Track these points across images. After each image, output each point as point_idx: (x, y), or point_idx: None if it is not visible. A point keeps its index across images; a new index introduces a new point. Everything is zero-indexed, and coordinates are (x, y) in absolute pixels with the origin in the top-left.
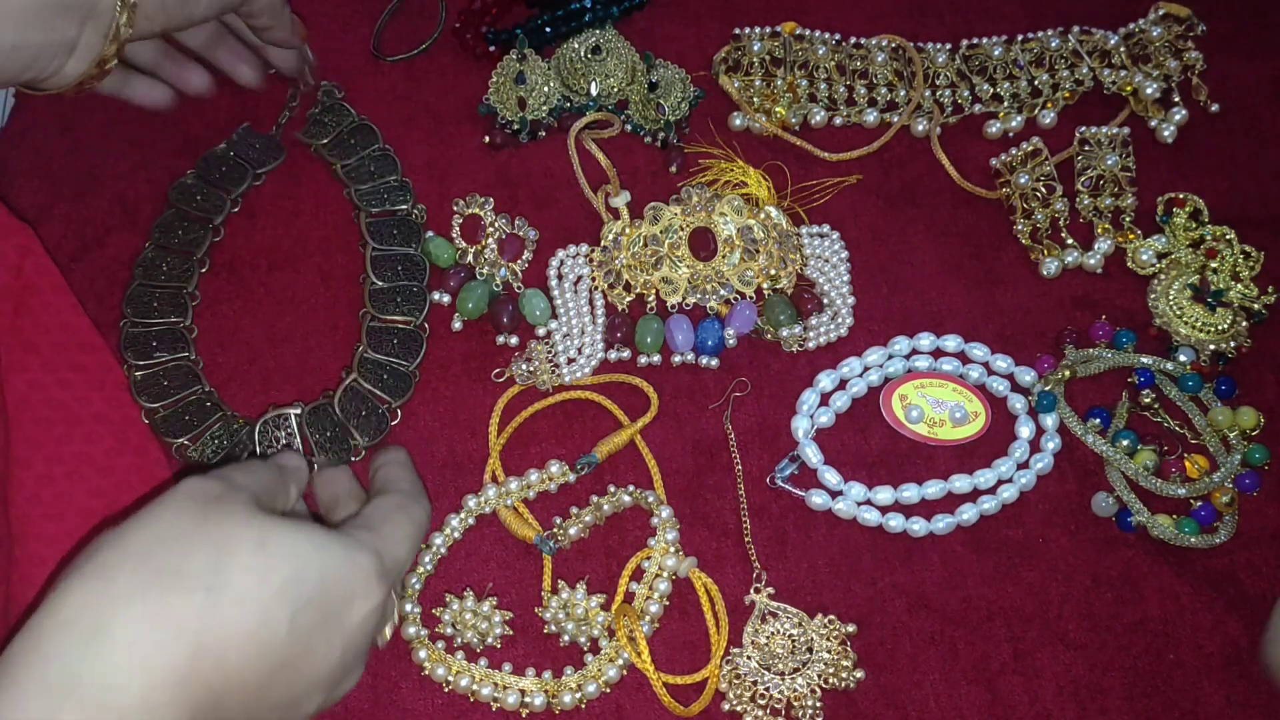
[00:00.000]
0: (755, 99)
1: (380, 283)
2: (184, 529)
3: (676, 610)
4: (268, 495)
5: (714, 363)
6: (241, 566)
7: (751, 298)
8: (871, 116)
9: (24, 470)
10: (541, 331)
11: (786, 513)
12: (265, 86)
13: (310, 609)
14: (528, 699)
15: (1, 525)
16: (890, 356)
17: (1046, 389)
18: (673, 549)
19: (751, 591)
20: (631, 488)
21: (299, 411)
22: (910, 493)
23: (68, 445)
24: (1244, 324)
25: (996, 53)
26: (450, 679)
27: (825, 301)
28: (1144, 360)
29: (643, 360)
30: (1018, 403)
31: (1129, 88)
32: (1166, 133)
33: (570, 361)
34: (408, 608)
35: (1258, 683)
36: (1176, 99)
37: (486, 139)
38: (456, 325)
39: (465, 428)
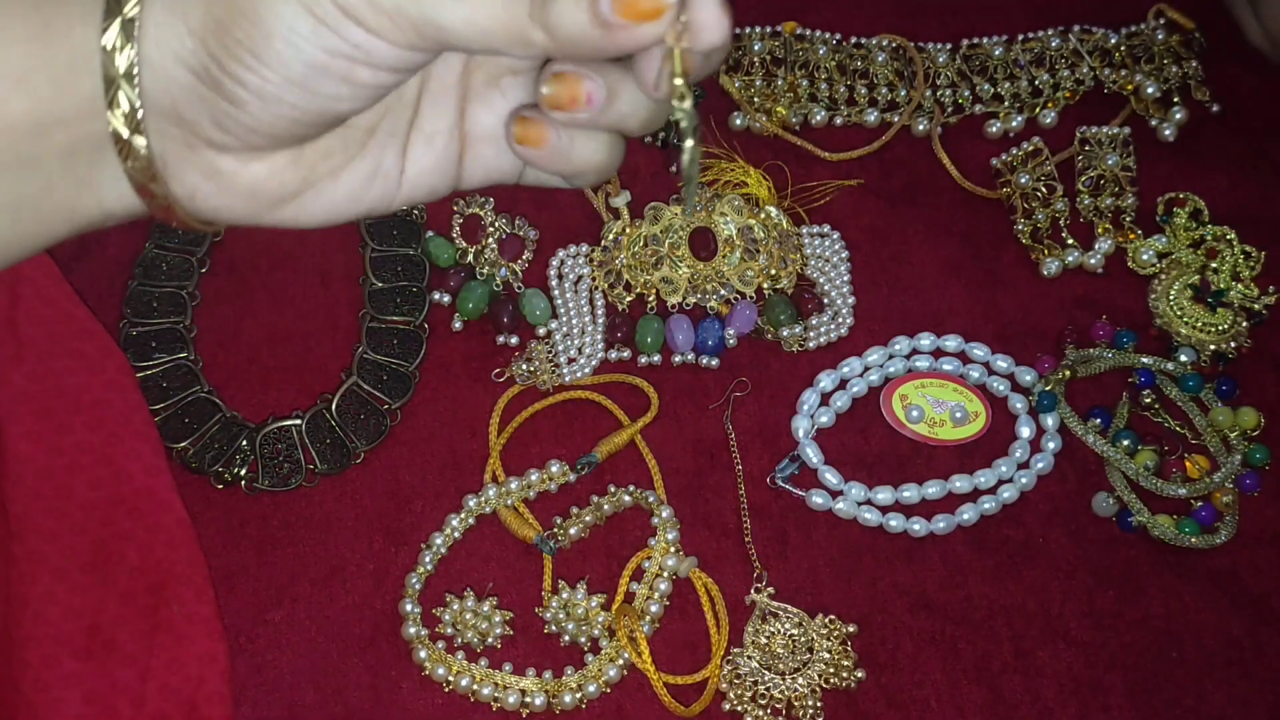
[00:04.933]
0: (755, 99)
1: (380, 283)
2: None
3: (677, 610)
4: None
5: (714, 363)
6: None
7: (752, 298)
8: (872, 116)
9: (24, 465)
10: (542, 331)
11: (787, 513)
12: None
13: None
14: (528, 699)
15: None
16: (891, 356)
17: (1047, 389)
18: (673, 549)
19: (752, 591)
20: (632, 488)
21: (300, 423)
22: (910, 493)
23: (68, 435)
24: (1244, 324)
25: (997, 52)
26: (450, 679)
27: (825, 301)
28: (1144, 360)
29: (643, 360)
30: (1018, 403)
31: (1129, 86)
32: (1167, 132)
33: (570, 361)
34: (407, 607)
35: (1260, 682)
36: (1176, 99)
37: None
38: (456, 325)
39: (465, 428)
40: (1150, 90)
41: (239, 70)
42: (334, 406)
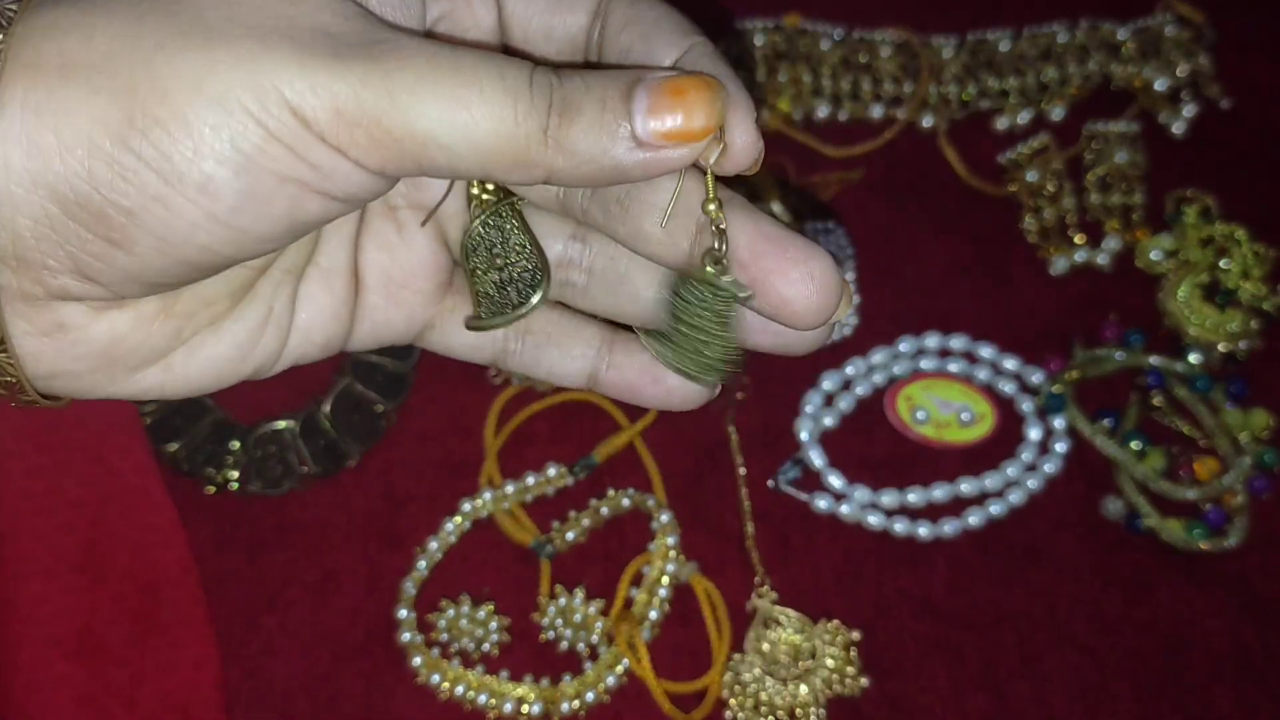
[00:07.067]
0: (757, 93)
1: None
2: None
3: (677, 616)
4: None
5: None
6: None
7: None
8: (877, 111)
9: (14, 463)
10: None
11: (789, 516)
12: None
13: None
14: (525, 707)
15: None
16: (896, 356)
17: (1055, 390)
18: (673, 554)
19: (754, 597)
20: (631, 491)
21: (293, 425)
22: (916, 496)
23: (57, 433)
24: (1255, 324)
25: (1004, 46)
26: (446, 686)
27: None
28: (1154, 361)
29: None
30: (1026, 404)
31: (1138, 82)
32: (1176, 128)
33: None
34: (402, 613)
35: (1269, 687)
36: (1185, 95)
37: None
38: None
39: (461, 430)
40: (1159, 86)
41: (142, 201)
42: (327, 408)
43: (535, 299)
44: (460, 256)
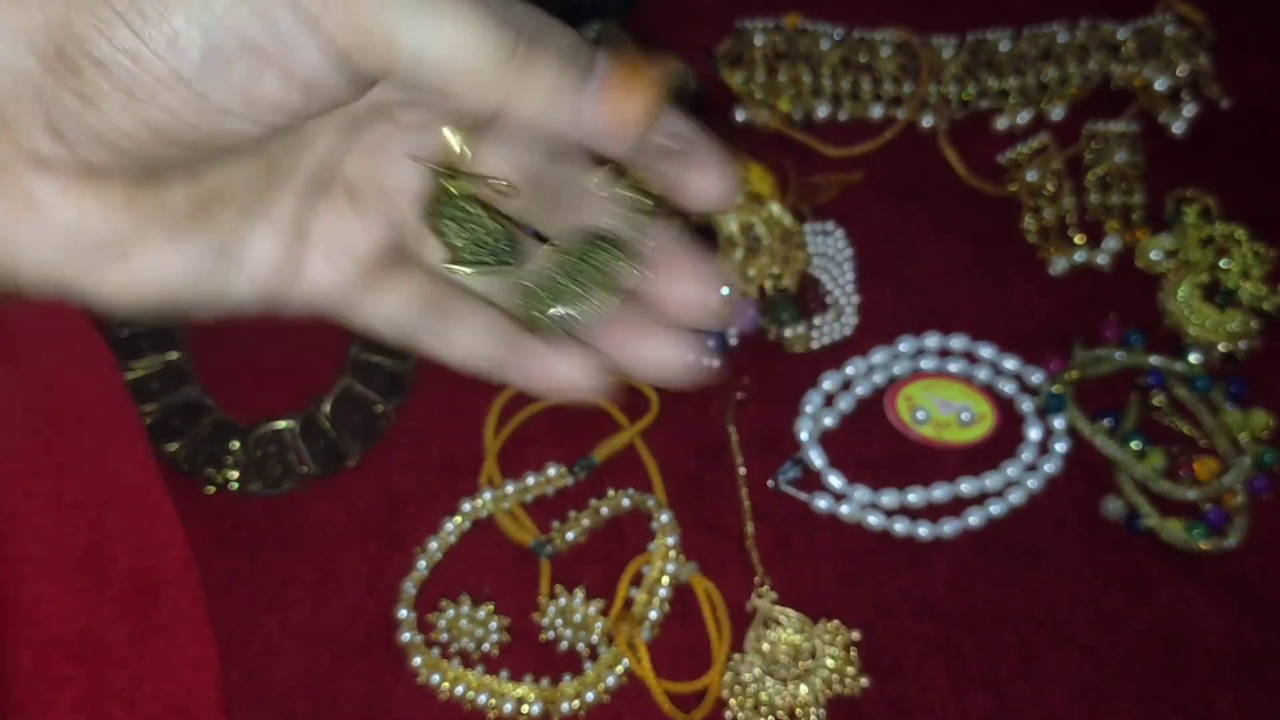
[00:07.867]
0: (757, 93)
1: None
2: None
3: (677, 616)
4: None
5: (715, 363)
6: None
7: (754, 296)
8: (877, 111)
9: (16, 463)
10: None
11: (789, 516)
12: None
13: None
14: (525, 707)
15: None
16: (896, 356)
17: (1055, 390)
18: (673, 554)
19: (754, 597)
20: (631, 491)
21: (293, 425)
22: (916, 496)
23: (58, 434)
24: (1255, 324)
25: (1004, 46)
26: (446, 686)
27: (829, 300)
28: (1154, 361)
29: None
30: (1026, 404)
31: (1138, 81)
32: (1176, 128)
33: None
34: (402, 613)
35: (1269, 687)
36: (1185, 94)
37: None
38: None
39: (461, 430)
40: (1159, 86)
41: (113, 53)
42: (327, 408)
43: (523, 250)
44: (424, 215)
